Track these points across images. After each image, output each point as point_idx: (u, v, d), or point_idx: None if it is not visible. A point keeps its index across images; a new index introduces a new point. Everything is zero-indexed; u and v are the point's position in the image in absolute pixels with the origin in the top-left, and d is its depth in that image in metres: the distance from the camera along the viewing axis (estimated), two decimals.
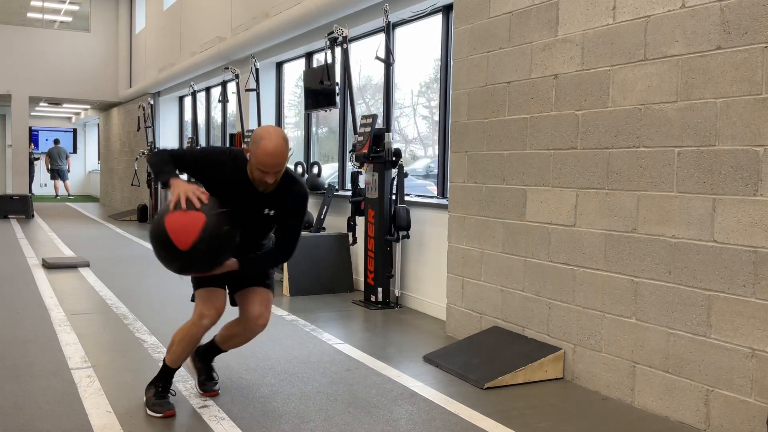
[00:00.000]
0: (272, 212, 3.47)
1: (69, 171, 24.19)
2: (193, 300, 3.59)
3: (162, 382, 3.56)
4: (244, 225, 3.40)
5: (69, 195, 23.49)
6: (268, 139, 3.22)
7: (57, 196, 23.44)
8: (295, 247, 3.61)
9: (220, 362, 4.38)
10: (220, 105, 11.31)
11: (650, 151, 3.65)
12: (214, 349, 3.85)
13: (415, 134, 7.82)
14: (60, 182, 23.43)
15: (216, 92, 12.49)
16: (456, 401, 3.77)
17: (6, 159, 23.31)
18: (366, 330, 5.44)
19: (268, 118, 9.87)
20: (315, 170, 7.82)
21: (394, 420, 3.48)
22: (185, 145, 13.54)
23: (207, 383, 3.82)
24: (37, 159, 23.56)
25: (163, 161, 3.39)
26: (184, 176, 3.47)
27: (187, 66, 12.18)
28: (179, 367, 3.61)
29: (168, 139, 15.34)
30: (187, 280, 3.68)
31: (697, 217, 3.41)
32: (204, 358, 3.87)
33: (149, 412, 3.48)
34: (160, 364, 3.63)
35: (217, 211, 3.26)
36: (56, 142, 24.08)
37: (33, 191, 23.34)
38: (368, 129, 6.22)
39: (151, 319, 5.58)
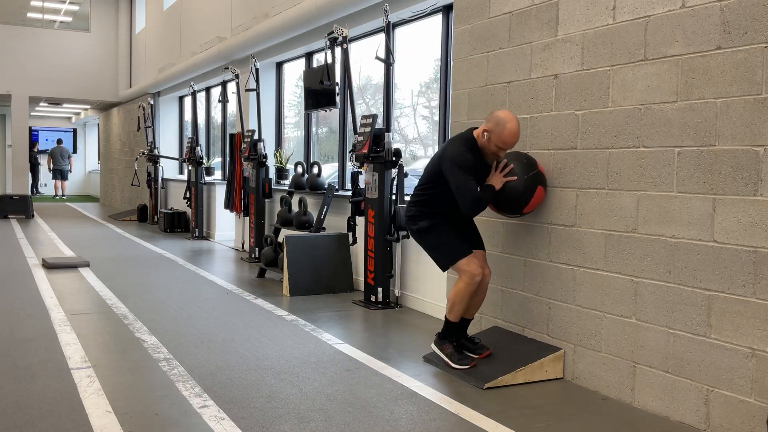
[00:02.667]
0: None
1: (71, 171, 24.25)
2: (445, 269, 4.43)
3: (455, 336, 4.36)
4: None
5: (63, 195, 23.50)
6: (512, 123, 4.05)
7: (56, 196, 23.46)
8: None
9: (219, 361, 4.38)
10: (220, 105, 11.32)
11: (650, 151, 3.65)
12: (464, 322, 4.43)
13: (415, 134, 7.82)
14: (60, 182, 23.47)
15: (216, 92, 12.49)
16: (456, 401, 3.77)
17: (6, 159, 23.32)
18: (366, 330, 5.44)
19: (268, 118, 9.87)
20: (315, 170, 7.82)
21: (394, 420, 3.49)
22: (185, 145, 13.54)
23: (477, 348, 4.37)
24: (42, 153, 23.68)
25: (478, 198, 4.15)
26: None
27: (187, 66, 12.18)
28: (459, 320, 4.33)
29: (168, 139, 15.34)
30: (185, 278, 3.67)
31: (697, 217, 3.41)
32: (460, 334, 4.44)
33: (455, 365, 4.22)
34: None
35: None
36: (59, 142, 24.13)
37: (36, 191, 23.40)
38: (368, 129, 6.22)
39: (151, 319, 5.58)
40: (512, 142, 4.08)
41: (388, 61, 6.18)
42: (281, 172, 9.38)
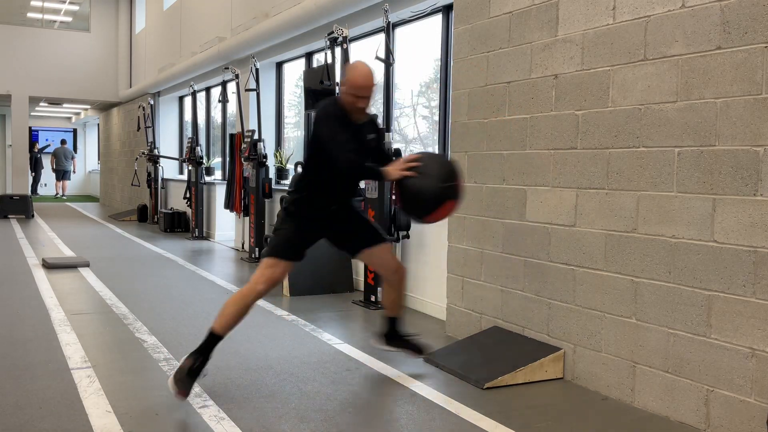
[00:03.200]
0: (373, 137, 4.02)
1: (74, 172, 24.29)
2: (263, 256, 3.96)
3: (204, 355, 3.69)
4: (366, 157, 3.92)
5: (63, 195, 23.52)
6: (360, 66, 3.84)
7: (57, 195, 23.48)
8: None
9: (219, 362, 4.38)
10: (220, 105, 11.31)
11: (650, 151, 3.65)
12: (392, 321, 4.29)
13: (415, 134, 7.82)
14: (62, 182, 23.52)
15: (216, 92, 12.48)
16: (456, 401, 3.77)
17: (6, 159, 23.33)
18: (366, 330, 5.43)
19: (268, 118, 9.87)
20: None
21: (394, 420, 3.48)
22: (185, 145, 13.54)
23: (416, 345, 4.31)
24: (45, 153, 23.71)
25: (357, 163, 3.79)
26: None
27: (187, 66, 12.18)
28: (225, 334, 3.78)
29: (168, 139, 15.34)
30: (185, 278, 3.68)
31: (697, 217, 3.41)
32: (395, 336, 4.31)
33: (173, 383, 3.64)
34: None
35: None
36: (62, 142, 24.18)
37: (35, 191, 23.43)
38: None
39: (151, 319, 5.58)
40: (363, 83, 3.76)
41: (388, 61, 6.18)
42: (281, 172, 9.38)
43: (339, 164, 3.70)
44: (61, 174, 23.46)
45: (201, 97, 13.43)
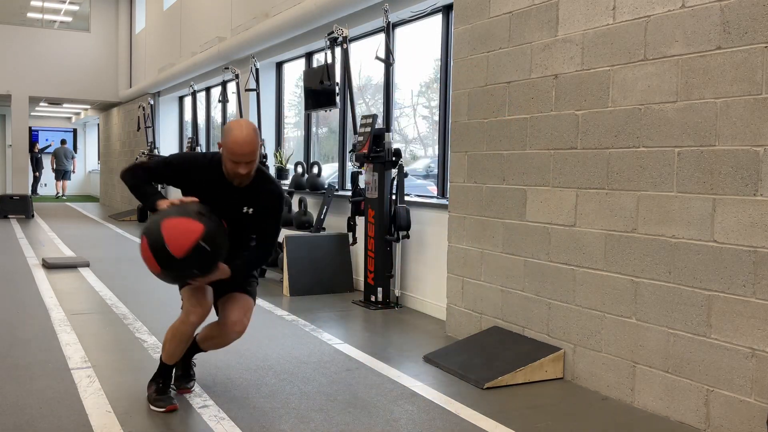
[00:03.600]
0: (251, 210, 3.50)
1: (74, 172, 24.30)
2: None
3: (162, 378, 3.61)
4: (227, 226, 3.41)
5: (63, 195, 23.53)
6: (238, 130, 3.29)
7: (58, 195, 23.50)
8: (272, 249, 3.65)
9: (219, 362, 4.38)
10: (220, 105, 11.31)
11: (650, 151, 3.65)
12: (194, 347, 3.81)
13: (415, 134, 7.82)
14: (62, 182, 23.54)
15: (216, 92, 12.49)
16: (456, 401, 3.77)
17: (6, 159, 23.34)
18: (366, 330, 5.43)
19: (268, 118, 9.88)
20: (315, 170, 7.82)
21: (394, 420, 3.48)
22: (185, 146, 13.55)
23: (181, 380, 3.82)
24: (45, 153, 23.71)
25: (141, 182, 3.44)
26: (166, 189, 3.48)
27: (187, 66, 12.18)
28: (176, 363, 3.65)
29: (168, 139, 15.34)
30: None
31: (697, 217, 3.41)
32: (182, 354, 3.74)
33: (152, 407, 3.53)
34: (158, 362, 3.66)
35: (213, 219, 3.28)
36: (63, 142, 24.20)
37: (38, 191, 23.45)
38: (368, 129, 6.22)
39: (151, 319, 5.58)
40: (240, 152, 3.28)
41: (388, 61, 6.18)
42: (281, 172, 9.37)
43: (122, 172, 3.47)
44: (62, 174, 23.49)
45: (201, 97, 13.43)
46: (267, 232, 3.60)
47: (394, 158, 6.13)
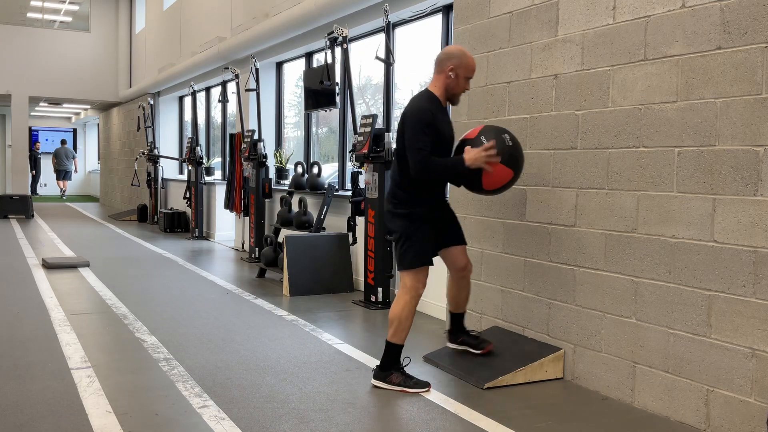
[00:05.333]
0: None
1: (76, 171, 24.33)
2: (399, 270, 4.00)
3: (400, 363, 3.98)
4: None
5: (63, 196, 23.55)
6: (465, 50, 3.95)
7: (61, 195, 23.54)
8: None
9: (219, 362, 4.38)
10: (220, 105, 11.32)
11: (650, 151, 3.65)
12: (457, 317, 4.37)
13: None
14: (62, 181, 23.57)
15: (216, 92, 12.49)
16: (456, 401, 3.77)
17: (6, 159, 23.35)
18: (366, 330, 5.43)
19: (268, 118, 9.87)
20: (315, 170, 7.82)
21: (394, 420, 3.48)
22: (185, 146, 13.55)
23: (479, 342, 4.32)
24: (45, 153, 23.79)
25: (438, 165, 3.86)
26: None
27: (187, 66, 12.18)
28: (404, 343, 4.00)
29: (168, 139, 15.34)
30: (185, 278, 3.67)
31: (697, 217, 3.41)
32: (458, 331, 4.39)
33: (412, 390, 3.86)
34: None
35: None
36: (63, 142, 24.24)
37: (37, 191, 23.47)
38: (368, 129, 6.22)
39: (151, 319, 5.58)
40: (475, 66, 4.01)
41: (388, 61, 6.18)
42: (281, 172, 9.38)
43: (413, 169, 3.82)
44: (62, 174, 23.51)
45: (201, 97, 13.43)
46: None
47: (394, 158, 6.12)
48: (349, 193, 6.92)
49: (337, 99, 7.11)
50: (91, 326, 5.34)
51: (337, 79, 7.00)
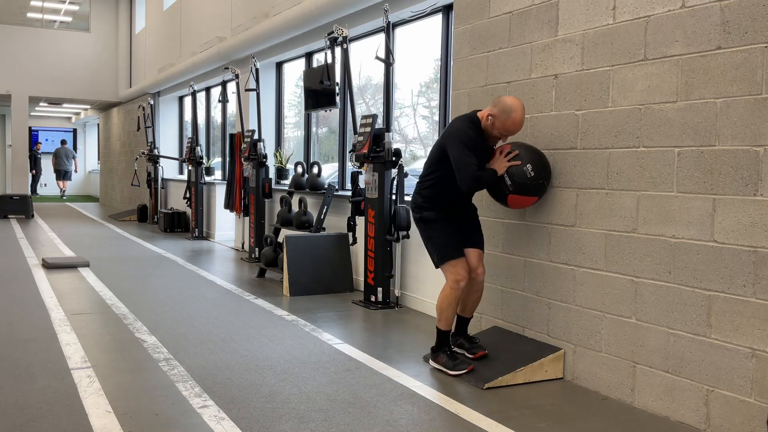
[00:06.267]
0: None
1: (76, 171, 24.34)
2: (436, 267, 4.29)
3: (446, 346, 4.30)
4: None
5: (63, 196, 23.55)
6: (518, 113, 4.05)
7: (62, 195, 23.56)
8: None
9: (219, 362, 4.38)
10: (220, 105, 11.32)
11: (650, 151, 3.65)
12: (462, 321, 4.48)
13: (415, 134, 7.82)
14: (62, 181, 23.59)
15: (216, 92, 12.49)
16: (456, 401, 3.77)
17: (6, 159, 23.35)
18: (366, 330, 5.43)
19: (268, 118, 9.87)
20: (315, 170, 7.82)
21: (394, 420, 3.48)
22: (185, 146, 13.55)
23: (474, 347, 4.38)
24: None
25: (480, 176, 4.11)
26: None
27: (187, 66, 12.18)
28: (451, 327, 4.30)
29: (168, 139, 15.34)
30: (185, 278, 3.68)
31: (697, 217, 3.41)
32: (458, 333, 4.48)
33: (453, 372, 4.16)
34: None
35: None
36: (63, 142, 24.25)
37: (37, 191, 23.48)
38: (368, 129, 6.22)
39: (151, 319, 5.58)
40: (515, 131, 4.13)
41: (388, 61, 6.18)
42: (281, 172, 9.38)
43: (465, 185, 4.08)
44: (62, 174, 23.53)
45: (201, 97, 13.43)
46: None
47: (394, 158, 6.13)
48: (349, 193, 6.92)
49: (337, 99, 7.11)
50: (91, 326, 5.34)
51: (337, 79, 7.00)
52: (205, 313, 5.84)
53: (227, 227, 11.44)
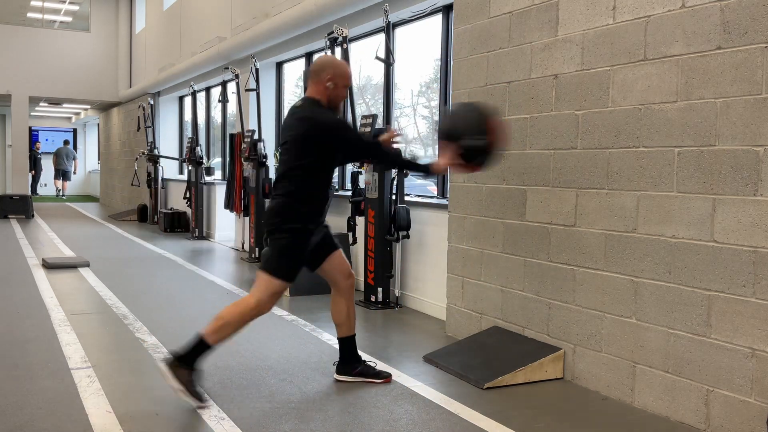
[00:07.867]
0: None
1: (75, 173, 24.36)
2: (261, 270, 3.73)
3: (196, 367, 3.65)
4: None
5: (63, 195, 23.56)
6: (339, 60, 3.99)
7: (60, 195, 23.55)
8: None
9: (219, 362, 4.38)
10: (220, 105, 11.31)
11: (650, 151, 3.65)
12: (347, 341, 4.06)
13: (415, 134, 7.82)
14: (62, 182, 23.60)
15: (216, 92, 12.48)
16: (456, 401, 3.77)
17: (6, 159, 23.36)
18: (366, 330, 5.43)
19: (268, 118, 9.87)
20: None
21: (394, 420, 3.48)
22: (185, 145, 13.55)
23: (380, 373, 4.07)
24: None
25: (381, 148, 3.98)
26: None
27: (187, 66, 12.18)
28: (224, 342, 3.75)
29: (168, 139, 15.34)
30: (185, 279, 3.68)
31: (697, 217, 3.41)
32: (349, 357, 4.09)
33: (188, 398, 3.58)
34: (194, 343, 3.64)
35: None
36: (65, 143, 24.26)
37: (37, 191, 23.49)
38: (368, 129, 6.22)
39: (151, 319, 5.58)
40: (350, 72, 4.01)
41: (388, 61, 6.18)
42: None
43: (387, 160, 4.05)
44: (61, 173, 23.54)
45: (201, 97, 13.43)
46: None
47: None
48: (349, 193, 6.92)
49: None
50: (91, 326, 5.34)
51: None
52: (205, 313, 5.84)
53: (227, 227, 11.44)
